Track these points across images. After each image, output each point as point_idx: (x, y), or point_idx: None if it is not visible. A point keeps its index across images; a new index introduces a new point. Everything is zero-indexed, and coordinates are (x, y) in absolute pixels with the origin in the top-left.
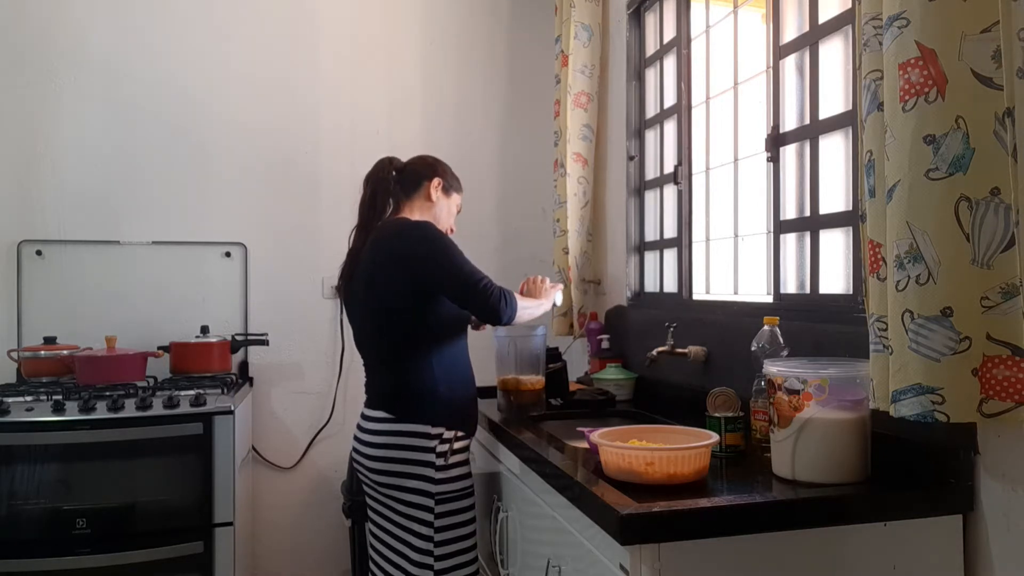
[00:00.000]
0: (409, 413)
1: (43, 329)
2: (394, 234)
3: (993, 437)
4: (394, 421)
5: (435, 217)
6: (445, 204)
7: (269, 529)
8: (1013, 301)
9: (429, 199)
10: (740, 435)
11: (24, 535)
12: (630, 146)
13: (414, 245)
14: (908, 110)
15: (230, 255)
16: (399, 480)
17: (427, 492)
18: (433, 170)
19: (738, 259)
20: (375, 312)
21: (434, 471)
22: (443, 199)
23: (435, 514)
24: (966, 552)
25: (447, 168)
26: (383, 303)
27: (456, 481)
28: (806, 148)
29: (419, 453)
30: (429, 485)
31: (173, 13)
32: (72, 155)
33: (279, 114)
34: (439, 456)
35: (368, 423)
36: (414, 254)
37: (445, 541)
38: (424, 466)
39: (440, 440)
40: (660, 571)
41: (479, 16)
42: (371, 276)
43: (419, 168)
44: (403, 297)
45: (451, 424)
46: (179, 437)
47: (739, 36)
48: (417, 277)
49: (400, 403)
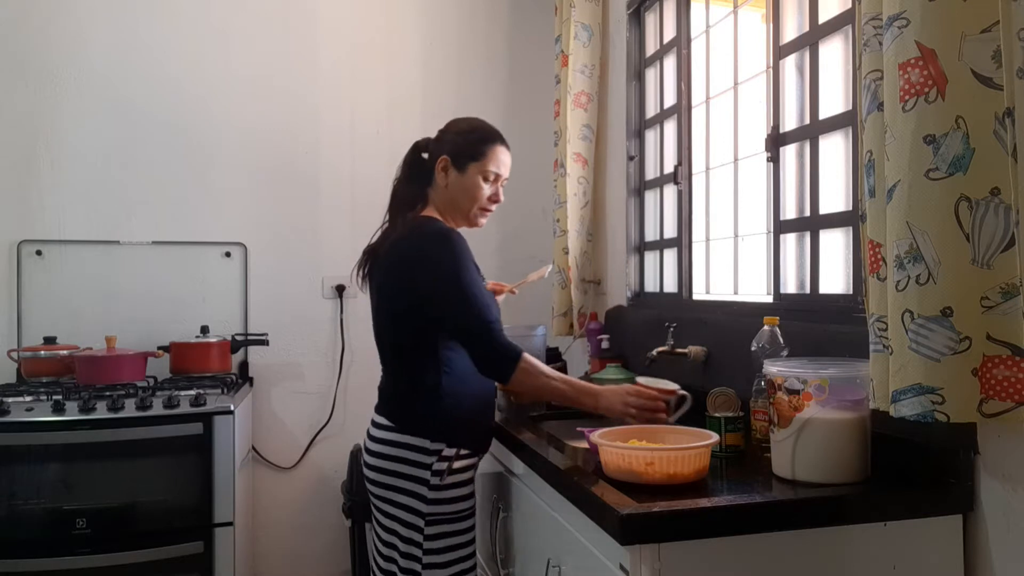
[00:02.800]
0: (409, 424)
1: (43, 329)
2: (411, 237)
3: (993, 437)
4: (394, 430)
5: (453, 202)
6: (458, 182)
7: (269, 529)
8: (1013, 301)
9: (440, 183)
10: (740, 435)
11: (24, 535)
12: (630, 146)
13: (426, 262)
14: (908, 110)
15: (230, 255)
16: (391, 493)
17: (417, 511)
18: (439, 145)
19: (738, 259)
20: (383, 312)
21: (427, 490)
22: (456, 178)
23: (424, 535)
24: (966, 552)
25: (453, 132)
26: (392, 305)
27: (451, 503)
28: (806, 148)
29: (414, 468)
30: (420, 504)
31: (173, 14)
32: (72, 155)
33: (279, 114)
34: (435, 474)
35: (373, 428)
36: (427, 273)
37: (434, 564)
38: (417, 483)
39: (439, 457)
40: (660, 571)
41: (479, 16)
42: (382, 277)
43: (432, 145)
44: (410, 305)
45: (453, 440)
46: (179, 437)
47: (739, 36)
48: (426, 296)
49: (401, 412)
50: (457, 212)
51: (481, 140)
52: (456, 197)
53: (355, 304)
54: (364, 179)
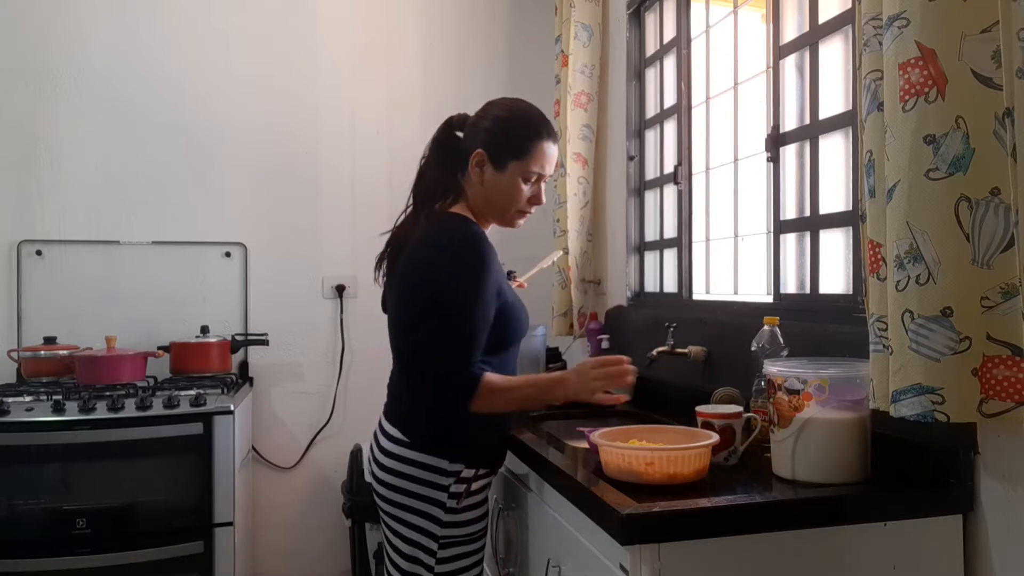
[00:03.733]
0: (426, 443)
1: (43, 329)
2: (431, 244)
3: (993, 437)
4: (409, 447)
5: (488, 202)
6: (497, 182)
7: (269, 529)
8: (1013, 301)
9: (474, 178)
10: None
11: (24, 535)
12: (630, 146)
13: (429, 269)
14: (908, 110)
15: (230, 255)
16: (403, 513)
17: (431, 533)
18: (476, 135)
19: (738, 259)
20: (396, 320)
21: (443, 512)
22: (493, 176)
23: (437, 558)
24: (966, 552)
25: (498, 123)
26: (402, 313)
27: (467, 525)
28: (806, 148)
29: (431, 490)
30: (434, 526)
31: (173, 14)
32: (72, 155)
33: (279, 114)
34: (452, 497)
35: (384, 439)
36: (428, 283)
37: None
38: (433, 504)
39: (457, 479)
40: (660, 571)
41: (479, 16)
42: (404, 279)
43: (470, 130)
44: (419, 314)
45: (473, 461)
46: (179, 437)
47: (739, 36)
48: (428, 308)
49: (417, 428)
50: (492, 212)
51: (526, 135)
52: (492, 197)
53: (355, 304)
54: (364, 179)
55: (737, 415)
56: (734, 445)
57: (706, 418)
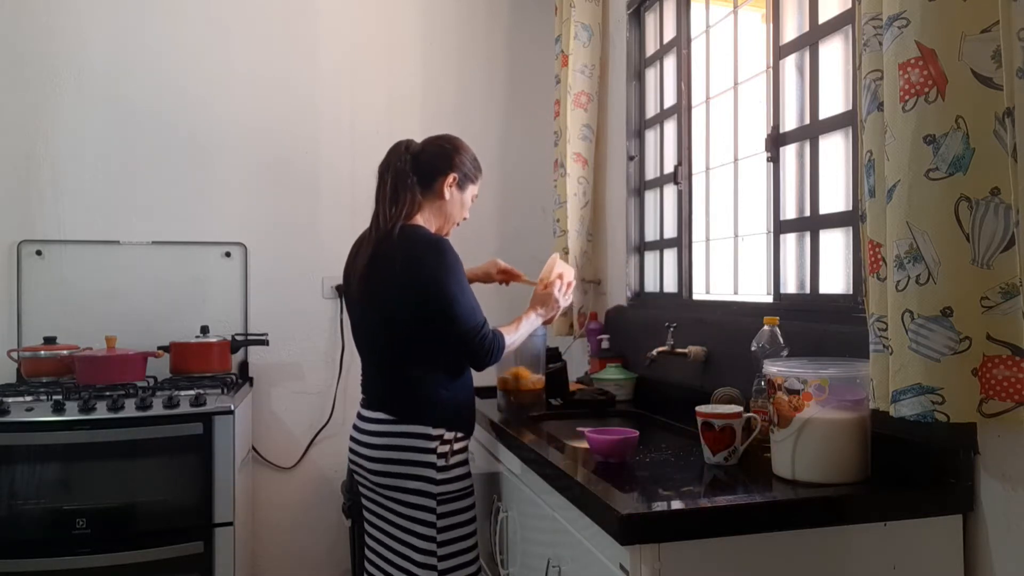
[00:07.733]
0: (410, 415)
1: (43, 329)
2: (406, 247)
3: (993, 437)
4: (395, 422)
5: (447, 214)
6: (458, 199)
7: (269, 529)
8: (1013, 301)
9: (442, 196)
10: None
11: (24, 535)
12: (630, 146)
13: (422, 271)
14: (908, 110)
15: (230, 255)
16: (400, 481)
17: (429, 493)
18: (449, 163)
19: (738, 259)
20: (377, 319)
21: (436, 472)
22: (456, 195)
23: (437, 514)
24: (966, 552)
25: (465, 156)
26: (385, 312)
27: (457, 481)
28: (806, 148)
29: (420, 454)
30: (431, 486)
31: (173, 13)
32: (72, 155)
33: (279, 114)
34: (440, 457)
35: (366, 424)
36: (421, 283)
37: (448, 541)
38: (426, 467)
39: (441, 441)
40: (660, 571)
41: (479, 16)
42: (376, 284)
43: (435, 159)
44: (407, 310)
45: (452, 426)
46: (179, 437)
47: (739, 36)
48: (420, 303)
49: (401, 405)
50: (445, 223)
51: (477, 167)
52: (451, 212)
53: None
54: (364, 178)
55: (737, 415)
56: (734, 445)
57: (706, 418)
